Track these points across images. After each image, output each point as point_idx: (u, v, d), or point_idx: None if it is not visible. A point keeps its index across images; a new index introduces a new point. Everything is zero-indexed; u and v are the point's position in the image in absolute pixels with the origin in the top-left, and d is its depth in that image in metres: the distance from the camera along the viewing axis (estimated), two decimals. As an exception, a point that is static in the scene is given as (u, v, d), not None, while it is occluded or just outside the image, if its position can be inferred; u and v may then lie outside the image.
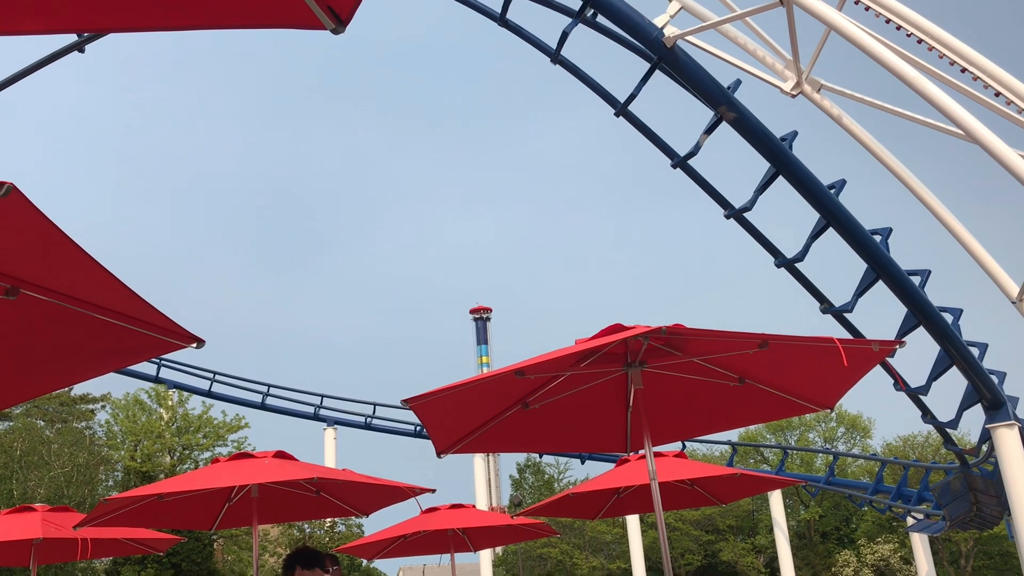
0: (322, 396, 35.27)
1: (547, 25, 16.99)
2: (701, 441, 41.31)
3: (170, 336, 3.91)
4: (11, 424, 38.20)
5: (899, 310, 15.41)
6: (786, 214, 16.22)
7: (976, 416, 16.84)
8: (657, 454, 9.05)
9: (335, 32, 2.53)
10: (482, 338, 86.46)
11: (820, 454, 51.23)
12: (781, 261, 15.58)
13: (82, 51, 15.70)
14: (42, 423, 40.12)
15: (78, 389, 43.63)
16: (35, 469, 34.08)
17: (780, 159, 14.23)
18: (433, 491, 9.22)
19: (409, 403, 5.91)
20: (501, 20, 17.01)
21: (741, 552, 51.07)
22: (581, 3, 14.94)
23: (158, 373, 32.90)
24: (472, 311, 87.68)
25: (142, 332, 3.84)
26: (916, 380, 16.50)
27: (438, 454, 6.68)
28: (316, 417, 35.00)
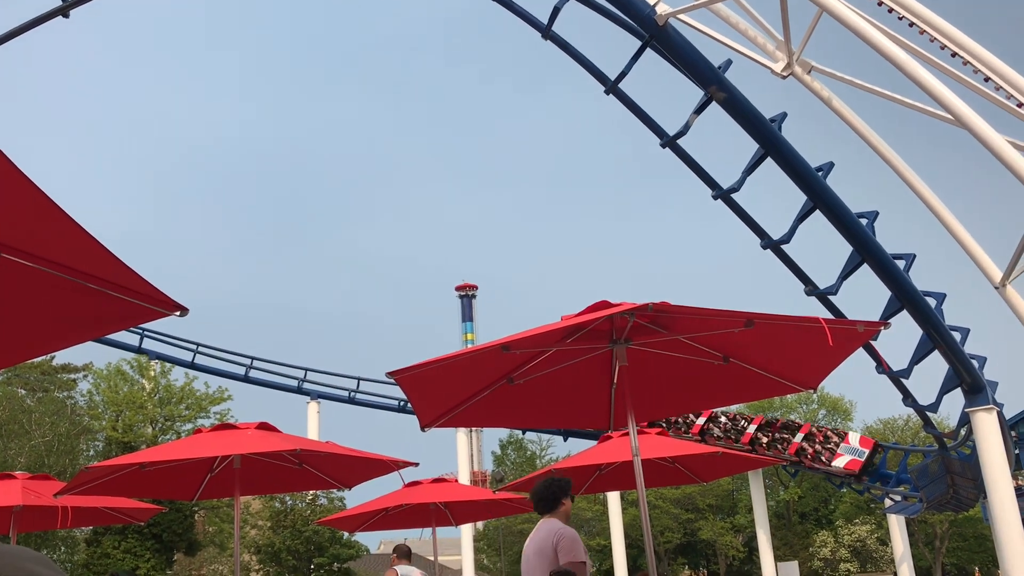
0: (306, 370, 35.19)
1: (538, 1, 16.85)
2: (683, 420, 41.47)
3: (154, 303, 3.87)
4: (-8, 392, 37.99)
5: (883, 294, 15.48)
6: (773, 196, 16.24)
7: (956, 400, 17.00)
8: (639, 431, 9.08)
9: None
10: (467, 315, 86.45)
11: (800, 435, 51.57)
12: (767, 243, 15.60)
13: (67, 16, 15.45)
14: (23, 392, 39.92)
15: (60, 358, 43.44)
16: (15, 438, 33.96)
17: (769, 140, 14.21)
18: (416, 465, 9.24)
19: (394, 376, 5.90)
20: (492, -6, 16.86)
21: (720, 531, 51.53)
22: (573, -21, 14.84)
23: (141, 343, 32.71)
24: (458, 288, 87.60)
25: (126, 299, 3.80)
26: (898, 364, 16.62)
27: (422, 427, 6.67)
28: (300, 391, 34.92)
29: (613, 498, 33.40)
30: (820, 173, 14.77)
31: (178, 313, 4.00)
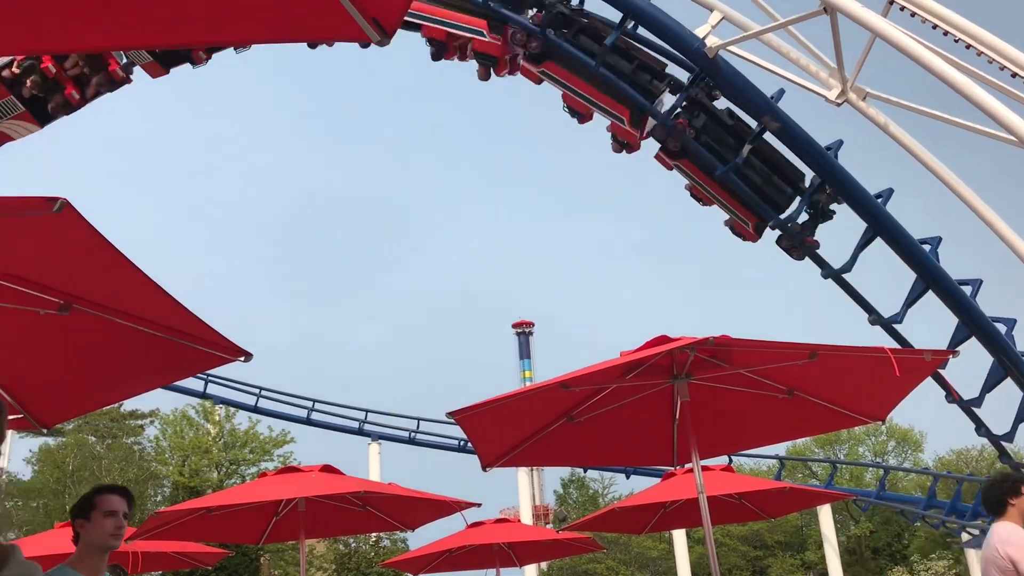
0: (366, 411, 35.44)
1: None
2: (748, 455, 40.75)
3: (220, 350, 3.95)
4: (64, 440, 38.89)
5: (950, 321, 15.11)
6: (832, 224, 15.99)
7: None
8: (704, 468, 8.94)
9: (380, 44, 2.54)
10: (525, 352, 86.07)
11: (870, 468, 50.24)
12: (828, 272, 15.36)
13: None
14: (93, 439, 40.73)
15: (127, 405, 44.28)
16: (87, 484, 34.67)
17: (826, 169, 14.08)
18: (479, 505, 9.22)
19: (454, 416, 5.91)
20: (542, 34, 17.03)
21: (790, 568, 50.22)
22: (621, 16, 14.92)
23: (205, 389, 33.32)
24: (514, 326, 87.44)
25: (193, 346, 3.88)
26: (969, 392, 16.12)
27: (483, 467, 6.65)
28: (360, 432, 35.14)
29: (679, 536, 32.86)
30: (880, 200, 14.55)
31: (243, 359, 4.07)
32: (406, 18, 15.02)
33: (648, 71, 15.33)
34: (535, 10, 15.81)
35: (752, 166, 14.79)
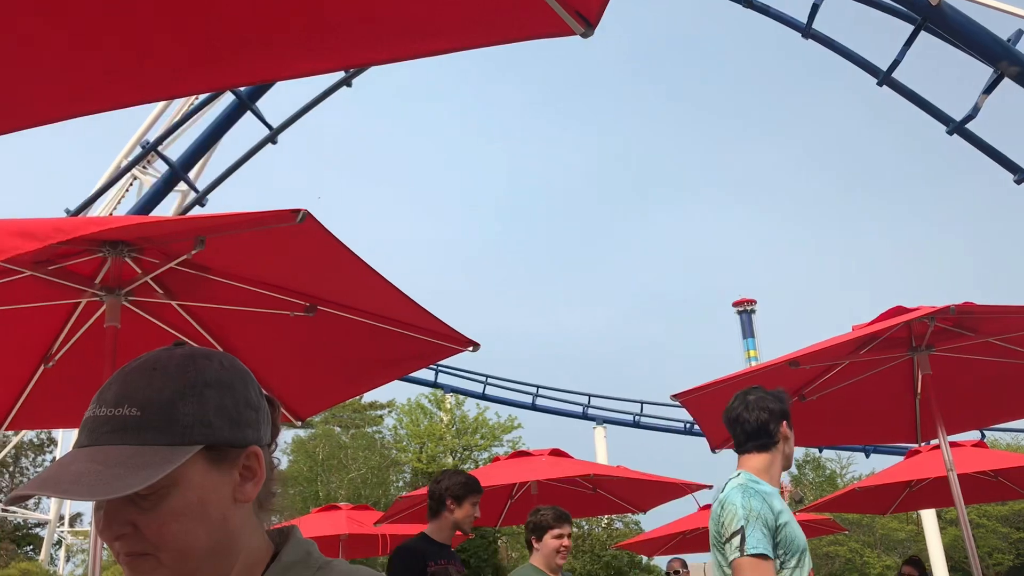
0: (589, 395, 35.79)
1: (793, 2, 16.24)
2: (1004, 429, 37.58)
3: (450, 341, 4.16)
4: (313, 431, 42.00)
5: None
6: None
7: None
8: (953, 444, 8.36)
9: (584, 36, 2.56)
10: (748, 331, 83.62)
11: None
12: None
13: (349, 85, 17.04)
14: (339, 429, 43.67)
15: (367, 397, 47.16)
16: (336, 472, 37.37)
17: (1078, 111, 12.71)
18: (710, 487, 9.12)
19: (679, 398, 5.88)
20: (746, 1, 16.49)
21: (1062, 551, 45.90)
22: (832, -29, 14.18)
23: (436, 378, 34.85)
24: (735, 304, 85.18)
25: (426, 339, 4.11)
26: None
27: (712, 449, 6.57)
28: (585, 416, 35.53)
29: (928, 517, 30.90)
30: None
31: (471, 348, 4.26)
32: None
33: None
34: None
35: None
